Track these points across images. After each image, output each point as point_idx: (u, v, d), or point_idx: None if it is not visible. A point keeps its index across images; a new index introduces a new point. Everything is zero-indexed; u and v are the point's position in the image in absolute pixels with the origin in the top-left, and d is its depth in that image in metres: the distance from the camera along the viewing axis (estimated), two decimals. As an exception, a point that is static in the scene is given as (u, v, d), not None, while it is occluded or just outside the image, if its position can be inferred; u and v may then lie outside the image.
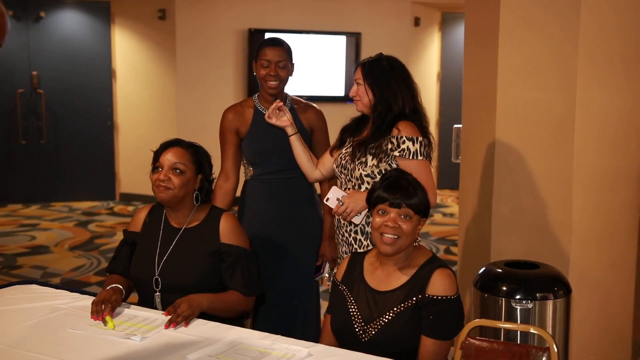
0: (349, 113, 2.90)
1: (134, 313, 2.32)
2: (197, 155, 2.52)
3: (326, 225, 3.09)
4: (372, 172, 2.61)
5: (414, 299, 2.17)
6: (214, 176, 2.61)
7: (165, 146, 2.50)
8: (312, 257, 3.10)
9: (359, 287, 2.27)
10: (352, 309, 2.25)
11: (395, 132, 2.59)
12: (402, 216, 2.20)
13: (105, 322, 2.20)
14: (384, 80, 2.64)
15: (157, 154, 2.50)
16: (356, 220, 2.62)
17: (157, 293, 2.44)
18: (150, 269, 2.47)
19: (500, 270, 2.88)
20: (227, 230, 2.49)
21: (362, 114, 2.76)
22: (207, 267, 2.45)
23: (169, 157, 2.46)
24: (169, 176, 2.44)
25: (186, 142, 2.54)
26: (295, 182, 3.03)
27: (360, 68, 2.67)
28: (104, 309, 2.23)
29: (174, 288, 2.42)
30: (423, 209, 2.25)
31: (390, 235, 2.20)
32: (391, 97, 2.62)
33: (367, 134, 2.69)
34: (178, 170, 2.45)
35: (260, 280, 2.53)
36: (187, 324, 2.20)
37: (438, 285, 2.17)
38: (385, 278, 2.25)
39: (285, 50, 2.99)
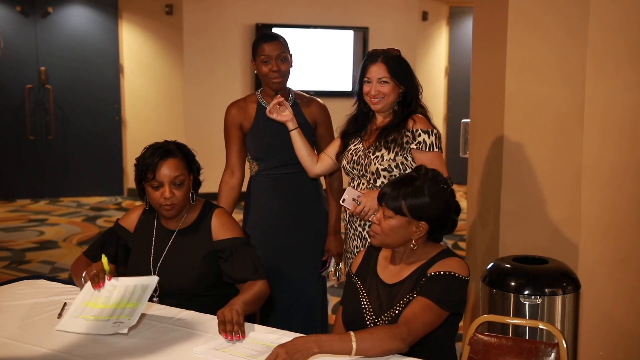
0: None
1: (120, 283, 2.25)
2: (187, 157, 2.43)
3: (331, 220, 3.10)
4: (389, 165, 2.62)
5: (420, 283, 2.15)
6: (196, 159, 2.49)
7: (158, 160, 2.35)
8: (317, 252, 3.10)
9: (372, 280, 2.27)
10: (363, 301, 2.24)
11: (410, 125, 2.61)
12: (383, 214, 2.20)
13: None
14: (410, 74, 2.68)
15: (150, 168, 2.35)
16: (374, 219, 2.61)
17: (156, 298, 2.41)
18: (146, 274, 2.40)
19: (508, 266, 2.87)
20: (219, 227, 2.45)
21: (356, 112, 2.76)
22: (202, 268, 2.42)
23: (167, 173, 2.35)
24: (173, 192, 2.36)
25: (173, 147, 2.41)
26: (300, 177, 3.02)
27: (386, 67, 2.63)
28: (101, 278, 2.22)
29: (171, 292, 2.41)
30: (411, 213, 2.15)
31: (373, 231, 2.22)
32: (416, 91, 2.68)
33: (382, 127, 2.68)
34: (178, 184, 2.37)
35: (261, 263, 2.46)
36: (240, 331, 2.05)
37: (441, 265, 2.14)
38: (396, 272, 2.24)
39: (282, 43, 2.98)
